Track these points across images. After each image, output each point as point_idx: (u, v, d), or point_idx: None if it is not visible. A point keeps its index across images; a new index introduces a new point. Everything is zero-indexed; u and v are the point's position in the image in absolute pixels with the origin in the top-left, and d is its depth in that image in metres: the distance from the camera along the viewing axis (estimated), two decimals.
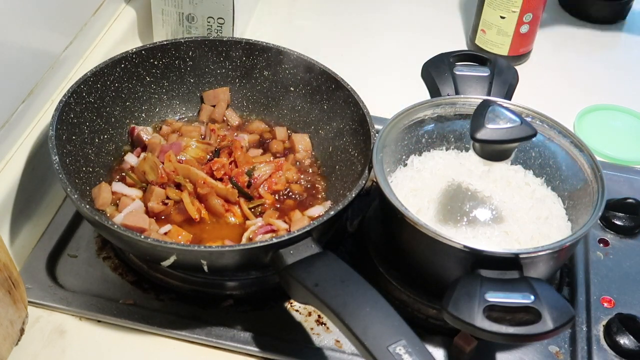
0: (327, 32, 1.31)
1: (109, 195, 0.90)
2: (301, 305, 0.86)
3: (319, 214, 0.92)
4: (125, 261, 0.89)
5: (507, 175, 0.90)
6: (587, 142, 0.83)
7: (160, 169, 0.91)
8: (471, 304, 0.69)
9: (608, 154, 1.10)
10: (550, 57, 1.29)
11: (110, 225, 0.78)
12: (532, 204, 0.86)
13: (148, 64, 0.99)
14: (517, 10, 1.17)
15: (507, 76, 0.94)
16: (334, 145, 0.99)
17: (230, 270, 0.87)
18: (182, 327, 0.82)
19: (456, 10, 1.38)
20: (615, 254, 0.94)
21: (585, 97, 1.21)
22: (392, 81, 1.20)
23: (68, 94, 0.89)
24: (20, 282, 0.78)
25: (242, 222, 0.91)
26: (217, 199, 0.90)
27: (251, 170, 0.94)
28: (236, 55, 1.03)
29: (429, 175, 0.89)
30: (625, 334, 0.83)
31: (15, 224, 0.89)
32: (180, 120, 1.04)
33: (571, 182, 0.88)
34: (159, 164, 0.92)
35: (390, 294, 0.86)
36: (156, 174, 0.91)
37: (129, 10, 1.19)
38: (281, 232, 0.88)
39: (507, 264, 0.74)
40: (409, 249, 0.84)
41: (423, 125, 0.92)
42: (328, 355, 0.81)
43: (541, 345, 0.84)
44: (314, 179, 0.98)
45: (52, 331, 0.82)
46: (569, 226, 0.86)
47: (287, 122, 1.04)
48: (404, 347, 0.66)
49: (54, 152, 0.83)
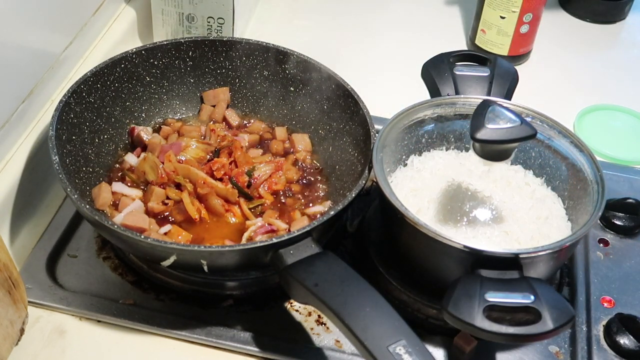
0: (327, 32, 1.31)
1: (109, 195, 0.90)
2: (301, 305, 0.86)
3: (319, 213, 0.92)
4: (125, 261, 0.89)
5: (507, 175, 0.90)
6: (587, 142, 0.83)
7: (160, 169, 0.91)
8: (471, 304, 0.69)
9: (608, 154, 1.10)
10: (550, 57, 1.29)
11: (110, 225, 0.78)
12: (532, 204, 0.86)
13: (148, 64, 0.99)
14: (517, 10, 1.17)
15: (507, 76, 0.94)
16: (334, 145, 0.99)
17: (230, 270, 0.87)
18: (182, 327, 0.82)
19: (456, 10, 1.38)
20: (615, 254, 0.94)
21: (585, 97, 1.21)
22: (392, 81, 1.20)
23: (68, 94, 0.89)
24: (20, 282, 0.78)
25: (242, 222, 0.91)
26: (217, 199, 0.90)
27: (251, 170, 0.94)
28: (236, 55, 1.03)
29: (429, 175, 0.89)
30: (625, 334, 0.83)
31: (15, 224, 0.89)
32: (180, 120, 1.04)
33: (571, 182, 0.88)
34: (159, 164, 0.92)
35: (390, 294, 0.86)
36: (156, 174, 0.91)
37: (129, 10, 1.19)
38: (281, 232, 0.88)
39: (507, 264, 0.74)
40: (409, 249, 0.84)
41: (423, 125, 0.92)
42: (328, 355, 0.81)
43: (541, 345, 0.84)
44: (314, 179, 0.98)
45: (52, 331, 0.82)
46: (569, 226, 0.86)
47: (287, 122, 1.04)
48: (404, 347, 0.66)
49: (54, 152, 0.83)
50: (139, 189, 0.92)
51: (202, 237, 0.89)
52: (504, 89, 0.93)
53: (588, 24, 1.38)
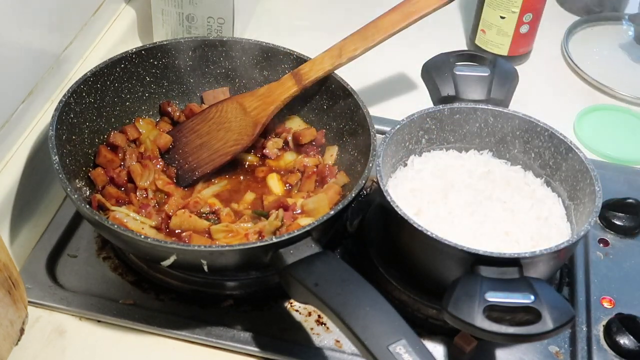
0: (327, 32, 1.30)
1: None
2: (301, 305, 0.86)
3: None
4: (125, 261, 0.89)
5: (507, 175, 0.90)
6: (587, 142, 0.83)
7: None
8: (471, 304, 0.69)
9: (608, 154, 1.10)
10: (550, 57, 1.29)
11: (110, 225, 0.78)
12: (532, 204, 0.86)
13: (148, 64, 0.99)
14: (517, 10, 1.17)
15: (507, 76, 0.95)
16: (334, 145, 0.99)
17: (230, 270, 0.87)
18: (182, 327, 0.82)
19: (456, 10, 1.38)
20: (615, 254, 0.94)
21: (585, 97, 1.21)
22: (392, 81, 1.20)
23: (68, 94, 0.89)
24: (20, 282, 0.78)
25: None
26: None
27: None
28: (236, 55, 1.02)
29: (428, 176, 0.89)
30: (625, 334, 0.83)
31: (15, 224, 0.89)
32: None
33: (571, 182, 0.88)
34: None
35: (390, 294, 0.86)
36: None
37: (129, 10, 1.19)
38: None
39: (507, 264, 0.74)
40: (408, 249, 0.84)
41: (423, 125, 0.92)
42: (328, 355, 0.81)
43: (541, 345, 0.84)
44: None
45: (52, 331, 0.82)
46: (568, 226, 0.86)
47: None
48: (404, 346, 0.66)
49: (54, 152, 0.83)
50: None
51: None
52: (504, 89, 0.93)
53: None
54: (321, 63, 0.94)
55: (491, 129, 0.93)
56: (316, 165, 0.96)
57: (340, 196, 0.92)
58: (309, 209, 0.89)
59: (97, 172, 0.91)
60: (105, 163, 0.93)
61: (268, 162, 0.98)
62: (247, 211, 0.91)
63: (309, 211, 0.89)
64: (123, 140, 0.95)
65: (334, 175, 0.94)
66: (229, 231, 0.86)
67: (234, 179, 0.96)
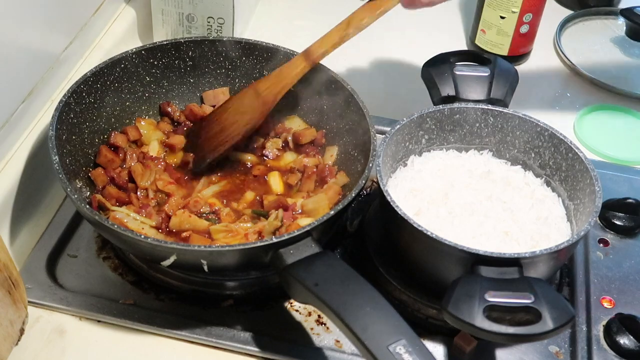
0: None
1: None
2: (301, 305, 0.86)
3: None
4: (125, 261, 0.89)
5: (507, 175, 0.90)
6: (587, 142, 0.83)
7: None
8: (471, 304, 0.69)
9: (608, 154, 1.10)
10: (550, 57, 1.29)
11: (110, 225, 0.78)
12: (532, 204, 0.87)
13: (148, 64, 0.99)
14: (517, 11, 1.17)
15: (507, 76, 0.95)
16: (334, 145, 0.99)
17: (230, 270, 0.87)
18: (182, 327, 0.82)
19: (456, 10, 1.38)
20: (615, 254, 0.94)
21: (585, 97, 1.21)
22: (392, 81, 1.20)
23: (68, 94, 0.89)
24: (20, 282, 0.78)
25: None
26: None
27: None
28: (236, 55, 1.03)
29: (428, 176, 0.89)
30: (625, 334, 0.83)
31: (15, 224, 0.89)
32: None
33: (571, 182, 0.88)
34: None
35: (390, 294, 0.86)
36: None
37: (129, 10, 1.19)
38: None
39: (507, 264, 0.74)
40: (408, 250, 0.84)
41: (423, 125, 0.92)
42: (328, 355, 0.81)
43: (541, 345, 0.84)
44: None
45: (52, 331, 0.82)
46: (568, 226, 0.86)
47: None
48: (404, 346, 0.66)
49: (54, 152, 0.83)
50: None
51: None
52: (504, 89, 0.93)
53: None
54: (329, 37, 0.94)
55: (491, 129, 0.93)
56: (316, 165, 0.96)
57: (340, 196, 0.92)
58: (308, 209, 0.89)
59: (97, 172, 0.91)
60: (106, 163, 0.93)
61: (268, 162, 0.98)
62: (247, 211, 0.91)
63: (309, 211, 0.89)
64: (124, 141, 0.95)
65: (334, 175, 0.94)
66: (228, 231, 0.86)
67: (234, 179, 0.96)
